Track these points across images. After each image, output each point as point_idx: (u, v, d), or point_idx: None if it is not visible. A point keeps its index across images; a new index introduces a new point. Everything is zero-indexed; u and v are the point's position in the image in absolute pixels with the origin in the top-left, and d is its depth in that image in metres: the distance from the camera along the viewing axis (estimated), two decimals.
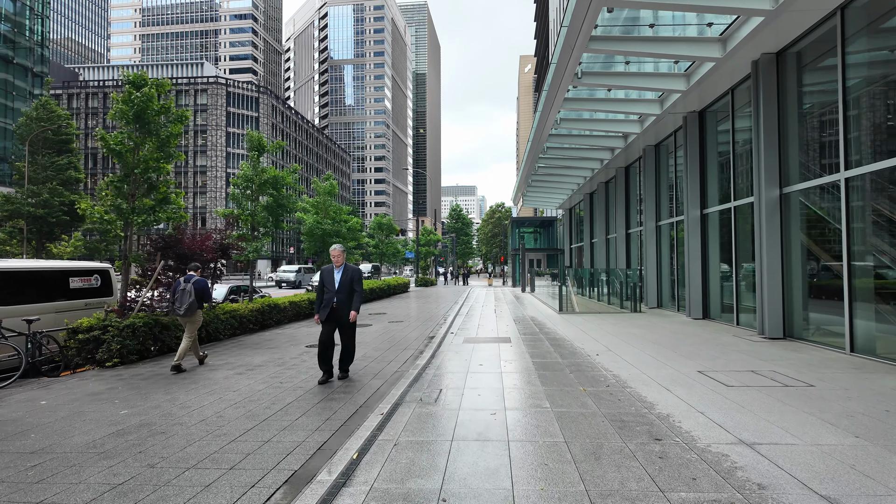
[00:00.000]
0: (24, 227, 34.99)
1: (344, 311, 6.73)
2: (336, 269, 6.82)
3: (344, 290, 6.73)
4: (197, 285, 7.86)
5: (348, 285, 6.76)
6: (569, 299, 16.07)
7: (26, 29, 50.89)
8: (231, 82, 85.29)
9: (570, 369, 7.14)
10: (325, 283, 6.79)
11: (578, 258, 30.39)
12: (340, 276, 6.77)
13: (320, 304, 6.81)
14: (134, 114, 8.95)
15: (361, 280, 6.92)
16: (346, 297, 6.75)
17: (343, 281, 6.75)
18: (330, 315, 6.70)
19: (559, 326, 12.21)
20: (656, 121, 14.37)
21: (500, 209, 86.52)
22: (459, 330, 11.82)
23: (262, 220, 13.68)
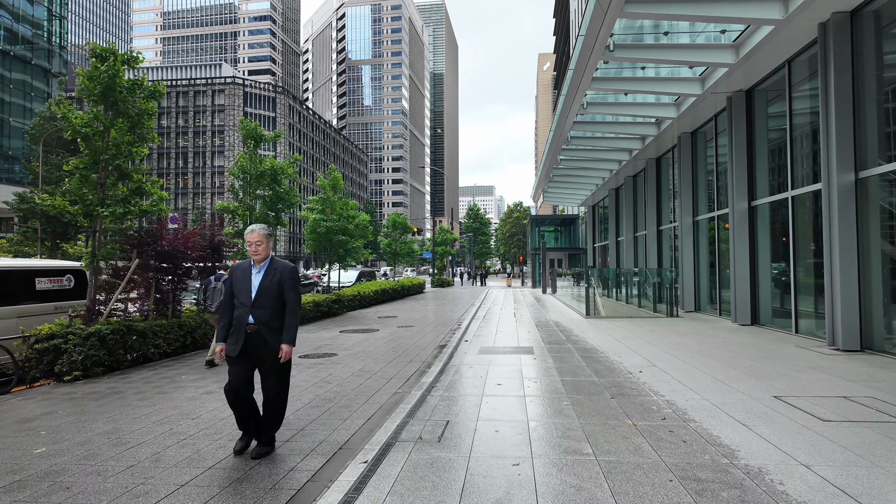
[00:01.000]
0: (38, 228, 34.69)
1: (267, 341, 3.95)
2: (255, 269, 4.10)
3: (267, 304, 3.98)
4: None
5: (274, 294, 4.01)
6: (595, 302, 14.61)
7: (45, 30, 51.07)
8: (248, 83, 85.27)
9: (609, 392, 5.76)
10: (236, 290, 4.08)
11: (603, 258, 28.79)
12: (261, 280, 4.04)
13: (226, 328, 4.06)
14: (100, 91, 7.82)
15: (298, 286, 4.18)
16: (272, 316, 3.98)
17: (266, 288, 4.00)
18: (244, 347, 3.95)
19: (588, 333, 10.80)
20: (695, 103, 12.85)
21: (519, 208, 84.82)
22: (475, 337, 10.49)
23: (261, 216, 12.53)
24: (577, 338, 10.22)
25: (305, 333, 11.59)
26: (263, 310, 3.97)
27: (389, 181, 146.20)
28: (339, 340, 10.36)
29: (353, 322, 13.93)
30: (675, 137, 15.82)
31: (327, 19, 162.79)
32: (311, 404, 5.48)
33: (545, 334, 10.81)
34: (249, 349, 3.97)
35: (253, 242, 4.10)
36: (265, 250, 4.13)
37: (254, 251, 4.10)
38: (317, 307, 14.86)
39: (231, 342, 4.00)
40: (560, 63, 59.56)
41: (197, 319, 9.76)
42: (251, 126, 12.61)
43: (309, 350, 9.19)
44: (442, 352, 8.65)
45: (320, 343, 10.05)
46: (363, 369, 7.34)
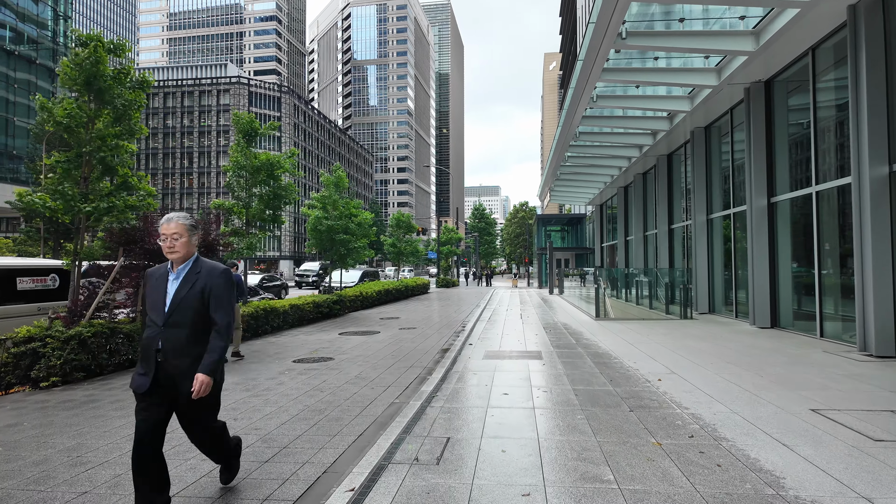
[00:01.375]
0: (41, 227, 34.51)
1: (186, 375, 2.88)
2: (171, 273, 3.00)
3: (184, 321, 2.91)
4: (234, 281, 7.57)
5: (195, 309, 2.93)
6: (605, 303, 14.04)
7: (50, 30, 51.03)
8: (253, 82, 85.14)
9: (628, 404, 5.22)
10: (148, 303, 3.00)
11: (611, 257, 28.19)
12: (178, 289, 2.95)
13: (144, 355, 2.95)
14: (84, 79, 7.37)
15: (230, 296, 3.04)
16: (191, 340, 2.92)
17: (183, 299, 2.93)
18: (156, 381, 2.89)
19: (599, 336, 10.25)
20: (711, 95, 12.27)
21: (524, 208, 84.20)
22: (479, 340, 9.97)
23: (258, 213, 12.07)
24: (587, 341, 9.68)
25: (303, 336, 11.12)
26: (179, 330, 2.86)
27: (395, 181, 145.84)
28: (337, 343, 9.87)
29: (354, 323, 13.45)
30: (688, 132, 15.23)
31: (333, 19, 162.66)
32: (298, 416, 4.98)
33: (554, 337, 10.27)
34: (162, 384, 2.88)
35: (168, 235, 2.94)
36: (185, 247, 2.97)
37: (169, 247, 2.95)
38: (317, 308, 14.39)
39: (138, 372, 2.90)
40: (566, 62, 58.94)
41: None
42: (245, 119, 12.15)
43: (304, 354, 8.71)
44: (444, 356, 8.14)
45: (317, 346, 9.56)
46: (359, 376, 6.84)
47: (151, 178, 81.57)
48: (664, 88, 13.88)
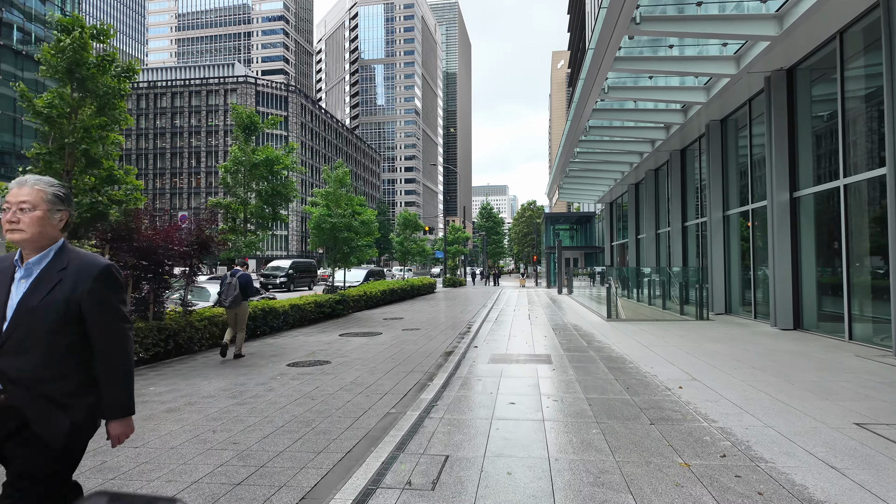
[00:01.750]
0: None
1: (35, 421, 1.79)
2: (19, 268, 1.88)
3: (33, 341, 1.81)
4: (242, 279, 8.36)
5: (53, 321, 1.83)
6: (616, 304, 13.49)
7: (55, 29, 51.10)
8: (261, 82, 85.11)
9: (648, 416, 4.72)
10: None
11: (621, 256, 27.57)
12: (28, 291, 1.84)
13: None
14: (66, 67, 6.96)
15: (118, 302, 1.95)
16: (47, 369, 1.82)
17: (34, 309, 1.82)
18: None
19: (611, 338, 9.72)
20: (728, 85, 11.69)
21: (532, 207, 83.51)
22: (485, 342, 9.48)
23: (257, 210, 11.65)
24: (599, 344, 9.15)
25: (303, 337, 10.69)
26: (21, 357, 1.79)
27: (402, 181, 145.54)
28: (336, 345, 9.42)
29: (357, 324, 13.01)
30: (703, 126, 14.64)
31: (340, 19, 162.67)
32: (284, 429, 4.52)
33: (564, 339, 9.75)
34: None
35: (13, 205, 1.86)
36: (37, 226, 1.86)
37: (9, 223, 1.85)
38: (319, 308, 13.96)
39: None
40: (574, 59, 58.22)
41: (181, 322, 8.90)
42: (245, 113, 11.75)
43: (300, 356, 8.26)
44: (448, 360, 7.66)
45: (315, 348, 9.12)
46: (356, 381, 6.38)
47: (159, 177, 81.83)
48: (678, 79, 13.31)
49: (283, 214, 12.22)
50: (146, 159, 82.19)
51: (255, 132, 11.92)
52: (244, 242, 10.92)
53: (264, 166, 11.55)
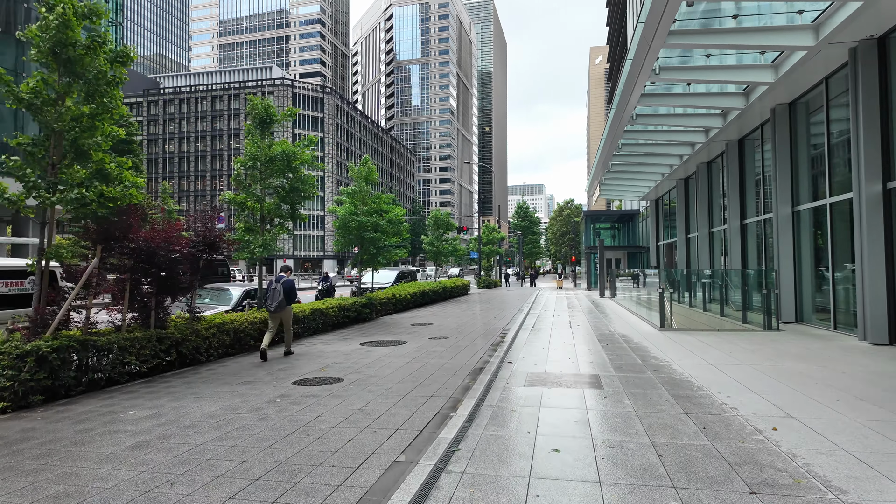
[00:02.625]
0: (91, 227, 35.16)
1: None
2: None
3: None
4: (286, 285, 8.70)
5: None
6: (670, 311, 12.03)
7: None
8: (297, 84, 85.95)
9: (744, 477, 3.47)
10: None
11: (669, 257, 25.76)
12: None
13: None
14: (49, 47, 6.21)
15: None
16: None
17: None
18: None
19: (670, 354, 8.38)
20: (802, 61, 10.11)
21: (570, 206, 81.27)
22: (521, 357, 8.30)
23: (273, 208, 10.82)
24: (656, 360, 7.84)
25: (321, 345, 9.78)
26: None
27: (437, 181, 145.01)
28: (353, 357, 8.44)
29: (382, 330, 12.05)
30: (768, 110, 13.00)
31: (375, 21, 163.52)
32: (259, 483, 3.51)
33: (613, 354, 8.47)
34: None
35: None
36: None
37: None
38: (343, 312, 13.09)
39: None
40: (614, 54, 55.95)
41: (185, 331, 8.10)
42: (260, 105, 10.94)
43: (311, 371, 7.30)
44: (476, 380, 6.54)
45: (331, 360, 8.16)
46: (365, 409, 5.34)
47: (200, 179, 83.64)
48: (744, 55, 11.78)
49: (303, 213, 11.35)
50: (187, 162, 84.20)
51: (272, 125, 11.08)
52: (258, 242, 10.07)
53: (281, 161, 10.70)
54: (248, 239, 10.31)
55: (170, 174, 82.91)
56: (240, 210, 10.79)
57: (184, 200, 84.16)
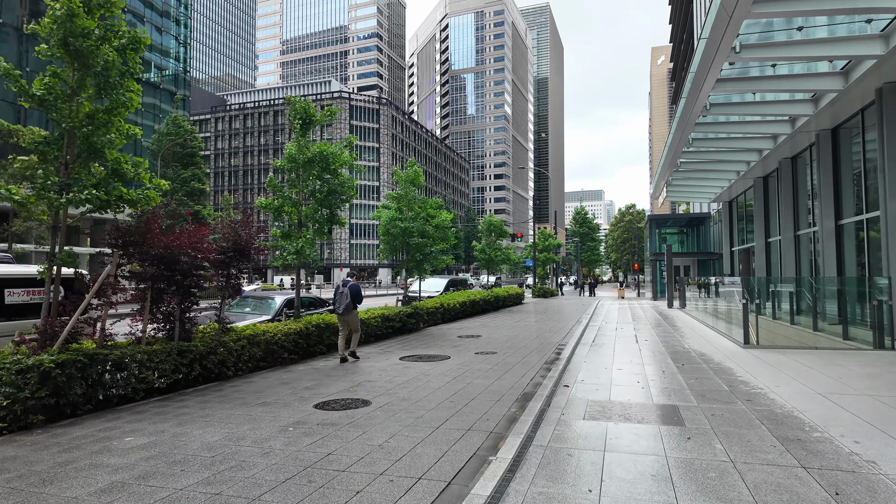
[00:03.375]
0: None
1: None
2: None
3: None
4: (352, 289, 9.04)
5: None
6: (755, 325, 10.38)
7: (172, 57, 55.64)
8: (354, 96, 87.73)
9: None
10: None
11: (745, 263, 23.44)
12: None
13: None
14: (61, 38, 5.79)
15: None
16: None
17: None
18: None
19: (761, 377, 6.95)
20: None
21: (632, 211, 77.85)
22: (580, 380, 7.13)
23: (311, 212, 10.23)
24: (747, 387, 6.46)
25: (356, 362, 9.00)
26: None
27: (491, 188, 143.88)
28: (388, 374, 7.59)
29: (426, 343, 11.17)
30: (873, 90, 11.13)
31: (431, 32, 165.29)
32: None
33: (691, 377, 7.14)
34: None
35: None
36: None
37: None
38: (386, 322, 12.35)
39: None
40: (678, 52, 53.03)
41: (211, 343, 7.53)
42: (300, 105, 10.41)
43: (338, 391, 6.49)
44: (525, 409, 5.48)
45: (363, 378, 7.34)
46: (385, 446, 4.41)
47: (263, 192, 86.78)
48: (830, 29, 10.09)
49: (342, 217, 10.69)
50: (251, 175, 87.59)
51: (312, 125, 10.52)
52: (294, 247, 9.46)
53: (319, 163, 10.10)
54: (283, 245, 9.73)
55: (234, 187, 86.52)
56: (276, 216, 10.26)
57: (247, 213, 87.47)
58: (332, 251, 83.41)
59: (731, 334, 11.21)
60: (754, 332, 10.04)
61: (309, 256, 9.74)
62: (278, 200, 10.07)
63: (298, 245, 9.47)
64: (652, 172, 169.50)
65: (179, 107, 54.53)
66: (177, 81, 56.41)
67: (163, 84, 54.11)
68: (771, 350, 9.47)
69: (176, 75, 56.46)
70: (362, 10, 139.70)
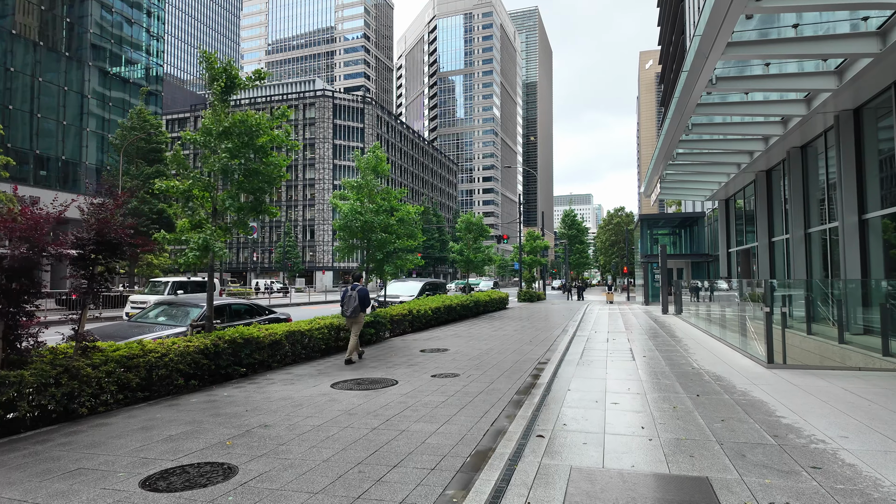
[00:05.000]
0: None
1: None
2: None
3: None
4: (360, 293, 9.19)
5: None
6: (782, 339, 8.40)
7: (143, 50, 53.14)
8: (337, 94, 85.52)
9: None
10: None
11: (744, 265, 21.67)
12: None
13: None
14: None
15: None
16: None
17: None
18: None
19: (814, 420, 4.97)
20: None
21: (620, 213, 76.44)
22: (561, 424, 5.10)
23: (229, 198, 8.13)
24: (800, 437, 4.47)
25: (273, 387, 6.91)
26: None
27: (480, 191, 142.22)
28: (299, 415, 5.51)
29: (380, 359, 9.12)
30: None
31: (419, 34, 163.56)
32: None
33: (715, 418, 5.14)
34: None
35: None
36: None
37: None
38: (333, 333, 10.28)
39: None
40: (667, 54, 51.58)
41: (50, 371, 5.39)
42: (216, 62, 8.29)
43: (204, 447, 4.40)
44: (476, 478, 3.44)
45: (261, 419, 5.27)
46: None
47: None
48: None
49: (272, 207, 8.60)
50: None
51: (234, 90, 8.41)
52: (196, 244, 7.34)
53: (238, 136, 8.00)
54: (189, 238, 7.62)
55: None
56: (184, 202, 8.14)
57: None
58: (315, 254, 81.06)
59: (747, 349, 9.27)
60: (782, 347, 8.08)
61: (218, 254, 7.63)
62: (185, 182, 7.94)
63: (200, 239, 7.33)
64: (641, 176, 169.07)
65: (151, 102, 52.03)
66: (148, 76, 53.91)
67: (133, 79, 51.60)
68: (802, 371, 7.53)
69: (147, 69, 53.96)
70: (349, 11, 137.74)
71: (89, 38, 47.09)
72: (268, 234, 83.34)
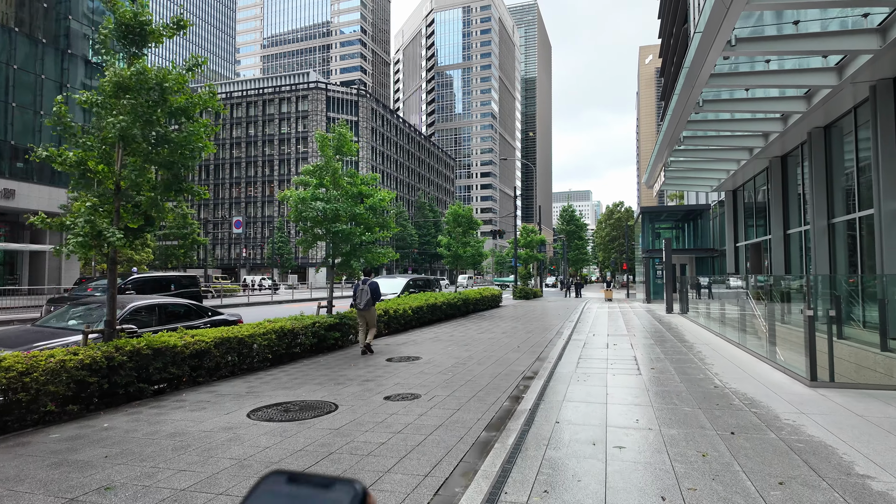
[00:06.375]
0: None
1: None
2: None
3: None
4: (371, 286, 9.50)
5: None
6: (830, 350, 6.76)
7: None
8: (330, 86, 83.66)
9: None
10: None
11: (754, 260, 20.03)
12: None
13: None
14: None
15: None
16: None
17: None
18: None
19: None
20: None
21: (620, 208, 74.84)
22: (544, 487, 3.48)
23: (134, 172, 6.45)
24: None
25: (176, 414, 5.29)
26: None
27: (478, 187, 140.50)
28: (169, 467, 3.88)
29: (331, 371, 7.50)
30: None
31: (417, 27, 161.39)
32: None
33: (769, 479, 3.52)
34: None
35: None
36: None
37: None
38: (286, 340, 8.67)
39: None
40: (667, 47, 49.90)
41: None
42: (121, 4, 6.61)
43: None
44: None
45: (117, 470, 3.65)
46: None
47: (235, 187, 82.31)
48: None
49: (194, 185, 6.95)
50: (221, 169, 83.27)
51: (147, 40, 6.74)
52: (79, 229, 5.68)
53: (147, 93, 6.34)
54: (69, 224, 5.96)
55: (205, 182, 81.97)
56: (78, 178, 6.48)
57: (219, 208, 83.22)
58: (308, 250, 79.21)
59: (778, 360, 7.64)
60: (829, 361, 6.44)
61: (117, 244, 5.98)
62: (76, 153, 6.28)
63: (85, 224, 5.67)
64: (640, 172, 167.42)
65: None
66: None
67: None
68: (856, 392, 5.90)
69: None
70: (345, 4, 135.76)
71: (69, 24, 45.30)
72: (259, 230, 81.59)
